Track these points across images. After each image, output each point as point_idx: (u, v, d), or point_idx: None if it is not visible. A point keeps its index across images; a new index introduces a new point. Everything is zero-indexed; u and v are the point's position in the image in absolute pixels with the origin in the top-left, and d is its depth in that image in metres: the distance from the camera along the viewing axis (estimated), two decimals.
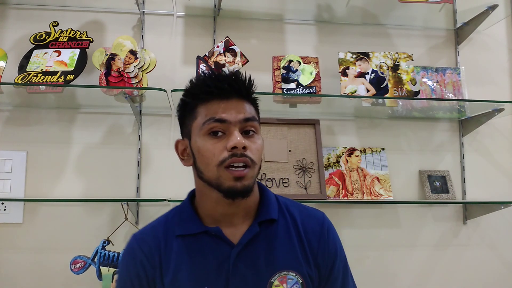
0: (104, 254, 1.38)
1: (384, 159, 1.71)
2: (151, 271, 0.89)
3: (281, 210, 0.95)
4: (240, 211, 0.90)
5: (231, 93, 0.86)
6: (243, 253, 0.88)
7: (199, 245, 0.89)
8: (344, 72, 1.60)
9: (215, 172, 0.83)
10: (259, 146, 0.87)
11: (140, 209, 1.61)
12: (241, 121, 0.85)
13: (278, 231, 0.92)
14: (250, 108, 0.88)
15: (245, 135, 0.85)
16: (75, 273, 1.38)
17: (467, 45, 1.88)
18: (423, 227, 1.75)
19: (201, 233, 0.90)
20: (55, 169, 1.59)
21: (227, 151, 0.82)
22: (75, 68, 1.48)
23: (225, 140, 0.83)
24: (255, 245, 0.89)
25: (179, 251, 0.89)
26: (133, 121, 1.65)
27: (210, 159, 0.84)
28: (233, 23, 1.75)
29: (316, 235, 0.93)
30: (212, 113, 0.84)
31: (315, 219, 0.96)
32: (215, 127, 0.84)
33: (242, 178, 0.83)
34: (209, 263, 0.87)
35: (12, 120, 1.60)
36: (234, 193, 0.83)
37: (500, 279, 1.77)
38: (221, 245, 0.88)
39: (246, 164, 0.83)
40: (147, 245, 0.91)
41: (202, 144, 0.85)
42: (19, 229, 1.56)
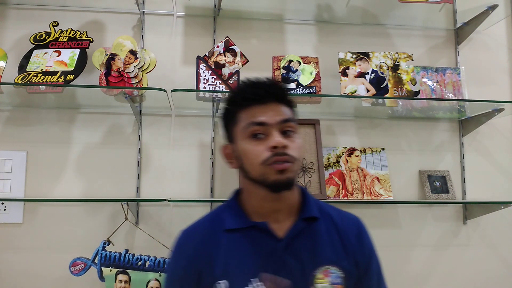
0: (105, 255, 1.38)
1: (384, 159, 1.71)
2: (199, 266, 0.95)
3: (320, 211, 1.02)
4: (284, 207, 0.97)
5: (268, 98, 0.94)
6: (289, 246, 0.94)
7: (247, 239, 0.96)
8: (344, 72, 1.60)
9: (259, 170, 0.91)
10: (298, 144, 0.94)
11: (140, 209, 1.61)
12: (279, 122, 0.92)
13: (320, 229, 0.98)
14: (286, 110, 0.95)
15: (284, 135, 0.92)
16: (75, 275, 1.38)
17: (467, 45, 1.88)
18: (423, 227, 1.75)
19: (249, 227, 0.96)
20: (55, 169, 1.59)
21: (269, 151, 0.90)
22: (75, 68, 1.48)
23: (266, 141, 0.91)
24: (300, 240, 0.96)
25: (228, 245, 0.95)
26: (133, 121, 1.65)
27: (254, 160, 0.91)
28: (233, 23, 1.75)
29: (354, 234, 1.00)
30: (252, 117, 0.92)
31: (352, 220, 1.04)
32: (256, 130, 0.92)
33: (285, 170, 0.90)
34: (258, 256, 0.94)
35: (12, 120, 1.60)
36: (279, 185, 0.91)
37: (500, 279, 1.77)
38: (268, 239, 0.95)
39: (287, 161, 0.90)
40: (196, 240, 0.97)
41: (246, 147, 0.93)
42: (19, 229, 1.56)
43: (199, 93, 1.52)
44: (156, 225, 1.60)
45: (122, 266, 1.38)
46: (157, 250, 1.45)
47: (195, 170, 1.65)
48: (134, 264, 1.38)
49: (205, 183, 1.65)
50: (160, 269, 1.37)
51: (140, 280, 1.37)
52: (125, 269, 1.38)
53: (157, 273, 1.37)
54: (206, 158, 1.66)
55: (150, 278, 1.37)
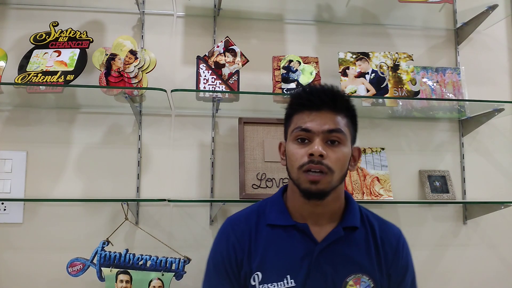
0: (105, 255, 1.38)
1: (384, 159, 1.71)
2: (240, 254, 1.00)
3: (362, 220, 1.04)
4: (326, 213, 1.00)
5: (320, 105, 0.96)
6: (325, 250, 0.98)
7: (287, 237, 0.99)
8: (344, 72, 1.60)
9: (296, 174, 0.95)
10: (340, 156, 0.94)
11: (140, 209, 1.61)
12: (324, 131, 0.94)
13: (358, 238, 1.01)
14: (340, 121, 0.96)
15: (330, 144, 0.95)
16: (73, 275, 1.37)
17: (467, 45, 1.88)
18: (423, 227, 1.75)
19: (290, 226, 1.00)
20: (55, 169, 1.59)
21: (307, 157, 0.93)
22: (75, 68, 1.48)
23: (308, 148, 0.94)
24: (337, 246, 0.99)
25: (268, 239, 1.00)
26: (133, 121, 1.65)
27: (294, 162, 0.96)
28: (233, 23, 1.75)
29: (392, 248, 1.03)
30: (301, 122, 0.96)
31: (393, 233, 1.06)
32: (300, 135, 0.96)
33: (316, 182, 0.92)
34: (294, 254, 0.97)
35: (12, 120, 1.60)
36: (309, 194, 0.94)
37: (500, 279, 1.77)
38: (306, 240, 0.98)
39: (322, 170, 0.92)
40: (240, 229, 1.02)
41: (290, 149, 0.98)
42: (19, 229, 1.56)
43: (199, 93, 1.52)
44: (156, 225, 1.60)
45: (123, 266, 1.38)
46: (157, 250, 1.45)
47: (195, 170, 1.65)
48: (135, 264, 1.37)
49: (205, 183, 1.65)
50: (162, 268, 1.37)
51: (142, 279, 1.37)
52: (126, 269, 1.38)
53: (159, 272, 1.37)
54: (206, 158, 1.66)
55: (152, 277, 1.37)
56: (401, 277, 1.02)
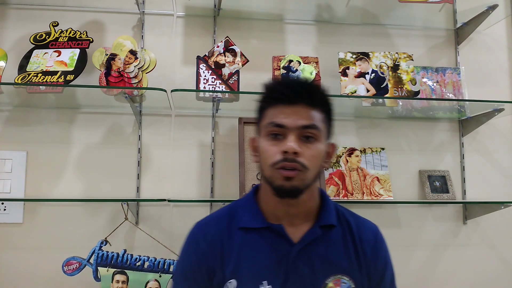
0: (102, 255, 1.38)
1: (384, 159, 1.71)
2: (212, 261, 0.93)
3: (339, 218, 1.00)
4: (301, 212, 0.95)
5: (296, 99, 0.90)
6: (303, 252, 0.93)
7: (261, 240, 0.94)
8: (344, 72, 1.60)
9: (269, 172, 0.90)
10: (315, 153, 0.89)
11: (140, 209, 1.61)
12: (299, 127, 0.88)
13: (336, 237, 0.97)
14: (314, 116, 0.90)
15: (305, 140, 0.89)
16: (69, 274, 1.37)
17: (467, 45, 1.88)
18: (423, 227, 1.75)
19: (264, 228, 0.94)
20: (55, 169, 1.59)
21: (281, 154, 0.88)
22: (75, 68, 1.48)
23: (281, 144, 0.88)
24: (314, 247, 0.94)
25: (241, 243, 0.94)
26: (133, 121, 1.65)
27: (266, 159, 0.90)
28: (233, 23, 1.75)
29: (370, 244, 0.98)
30: (274, 117, 0.90)
31: (370, 229, 1.01)
32: (273, 131, 0.90)
33: (290, 178, 0.87)
34: (270, 258, 0.92)
35: (12, 120, 1.60)
36: (283, 192, 0.89)
37: (500, 279, 1.77)
38: (282, 242, 0.93)
39: (296, 168, 0.87)
40: (210, 234, 0.95)
41: (263, 145, 0.91)
42: (19, 229, 1.56)
43: (199, 93, 1.52)
44: (156, 225, 1.60)
45: (120, 266, 1.37)
46: (157, 251, 1.45)
47: (195, 170, 1.65)
48: (133, 265, 1.37)
49: (205, 183, 1.65)
50: (160, 269, 1.37)
51: (138, 280, 1.36)
52: (123, 269, 1.37)
53: (157, 273, 1.37)
54: (206, 158, 1.66)
55: (149, 278, 1.37)
56: (381, 275, 0.98)
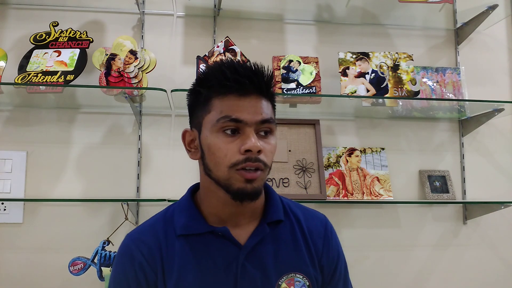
0: (105, 255, 1.38)
1: (384, 159, 1.71)
2: (152, 275, 0.83)
3: (285, 211, 0.92)
4: (247, 211, 0.87)
5: (250, 89, 0.80)
6: (251, 254, 0.85)
7: (205, 246, 0.85)
8: (344, 72, 1.60)
9: (225, 173, 0.79)
10: (272, 148, 0.83)
11: (140, 209, 1.61)
12: (258, 122, 0.80)
13: (284, 232, 0.89)
14: (268, 107, 0.83)
15: (260, 135, 0.81)
16: (74, 274, 1.38)
17: (467, 45, 1.88)
18: (423, 227, 1.75)
19: (206, 233, 0.85)
20: (55, 169, 1.59)
21: (241, 154, 0.78)
22: (75, 68, 1.48)
23: (239, 141, 0.79)
24: (263, 246, 0.86)
25: (183, 252, 0.84)
26: (133, 121, 1.65)
27: (221, 159, 0.79)
28: (233, 23, 1.75)
29: (320, 236, 0.92)
30: (228, 110, 0.79)
31: (319, 220, 0.95)
32: (229, 126, 0.79)
33: (253, 180, 0.79)
34: (216, 265, 0.83)
35: (12, 120, 1.60)
36: (244, 195, 0.80)
37: (500, 279, 1.77)
38: (228, 246, 0.85)
39: (258, 168, 0.79)
40: (147, 246, 0.85)
41: (214, 142, 0.80)
42: (19, 229, 1.56)
43: None
44: None
45: None
46: None
47: (195, 170, 1.63)
48: None
49: None
50: None
51: None
52: None
53: None
54: None
55: None
56: (334, 266, 0.92)
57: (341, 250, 0.95)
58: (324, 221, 0.95)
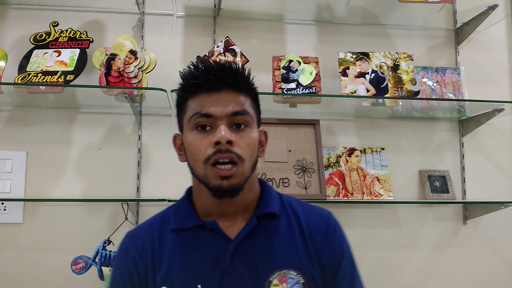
0: (105, 254, 1.38)
1: (384, 159, 1.71)
2: (143, 269, 0.85)
3: (283, 207, 0.90)
4: (238, 208, 0.86)
5: (220, 85, 0.81)
6: (240, 248, 0.83)
7: (194, 240, 0.85)
8: (344, 72, 1.60)
9: (202, 170, 0.80)
10: (250, 141, 0.81)
11: (140, 209, 1.61)
12: (229, 114, 0.80)
13: (279, 227, 0.87)
14: (242, 101, 0.83)
15: (236, 128, 0.81)
16: (77, 273, 1.38)
17: (467, 45, 1.88)
18: (423, 227, 1.75)
19: (196, 227, 0.86)
20: (55, 169, 1.59)
21: (212, 147, 0.78)
22: (75, 68, 1.48)
23: (212, 135, 0.79)
24: (254, 241, 0.84)
25: (172, 246, 0.85)
26: (133, 121, 1.65)
27: (197, 156, 0.81)
28: (233, 23, 1.75)
29: (321, 233, 0.88)
30: (199, 107, 0.81)
31: (321, 217, 0.91)
32: (201, 122, 0.81)
33: (229, 177, 0.78)
34: (204, 259, 0.83)
35: (12, 120, 1.60)
36: (221, 192, 0.80)
37: (500, 279, 1.77)
38: (217, 240, 0.84)
39: (232, 160, 0.78)
40: (141, 241, 0.88)
41: (190, 140, 0.82)
42: (19, 229, 1.56)
43: None
44: None
45: None
46: None
47: None
48: None
49: None
50: None
51: None
52: None
53: None
54: None
55: None
56: (337, 265, 0.87)
57: (346, 248, 0.91)
58: (327, 217, 0.91)
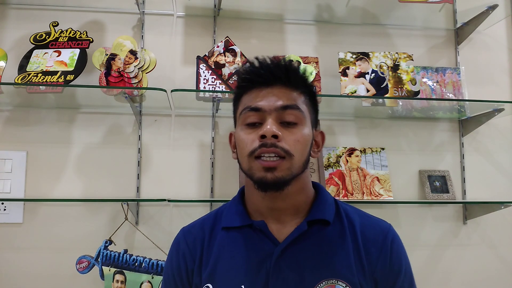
0: (106, 254, 1.38)
1: (384, 159, 1.71)
2: (191, 264, 0.87)
3: (338, 214, 0.87)
4: (288, 207, 0.84)
5: (272, 80, 0.81)
6: (287, 252, 0.81)
7: (242, 240, 0.84)
8: (344, 72, 1.60)
9: (247, 163, 0.80)
10: (299, 137, 0.79)
11: (140, 209, 1.61)
12: (277, 108, 0.79)
13: (331, 235, 0.83)
14: (295, 96, 0.81)
15: (286, 125, 0.80)
16: (81, 272, 1.39)
17: (467, 45, 1.88)
18: (423, 227, 1.75)
19: (246, 226, 0.85)
20: (55, 169, 1.59)
21: (258, 141, 0.78)
22: (75, 68, 1.48)
23: (259, 130, 0.79)
24: (303, 246, 0.81)
25: (221, 244, 0.85)
26: (133, 121, 1.65)
27: (243, 150, 0.80)
28: (233, 23, 1.75)
29: (377, 245, 0.84)
30: (250, 102, 0.81)
31: (379, 228, 0.87)
32: (250, 116, 0.81)
33: (273, 168, 0.77)
34: (250, 260, 0.81)
35: (12, 120, 1.60)
36: (265, 184, 0.78)
37: (500, 279, 1.77)
38: (265, 241, 0.82)
39: (278, 154, 0.77)
40: (192, 237, 0.90)
41: (239, 135, 0.82)
42: (19, 229, 1.56)
43: (199, 93, 1.52)
44: (156, 225, 1.60)
45: (120, 266, 1.38)
46: (157, 251, 1.45)
47: (195, 170, 1.65)
48: (131, 265, 1.37)
49: (205, 183, 1.65)
50: (153, 271, 1.36)
51: (134, 281, 1.36)
52: (122, 269, 1.37)
53: (150, 275, 1.36)
54: (206, 158, 1.66)
55: (143, 280, 1.36)
56: (392, 281, 0.83)
57: (405, 264, 0.86)
58: (386, 229, 0.87)
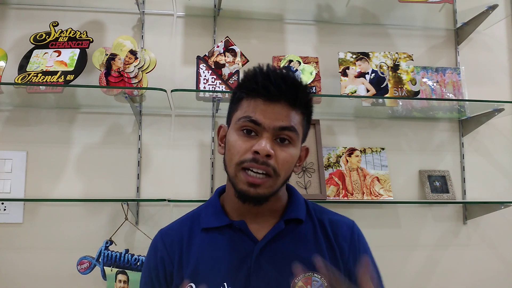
0: (107, 255, 1.38)
1: (384, 159, 1.71)
2: (169, 266, 0.89)
3: (309, 214, 0.93)
4: (265, 210, 0.89)
5: (278, 97, 0.82)
6: (266, 249, 0.86)
7: (222, 239, 0.88)
8: (344, 72, 1.60)
9: (233, 170, 0.83)
10: (288, 157, 0.83)
11: (140, 209, 1.61)
12: (276, 128, 0.82)
13: (305, 232, 0.90)
14: (294, 117, 0.84)
15: (279, 142, 0.83)
16: (82, 273, 1.39)
17: (467, 45, 1.88)
18: (423, 227, 1.75)
19: (225, 226, 0.89)
20: (55, 169, 1.59)
21: (251, 154, 0.81)
22: (75, 68, 1.48)
23: (254, 142, 0.82)
24: (280, 243, 0.87)
25: (201, 245, 0.88)
26: (133, 121, 1.65)
27: (233, 156, 0.83)
28: (233, 23, 1.75)
29: (346, 240, 0.92)
30: (251, 112, 0.83)
31: (345, 225, 0.95)
32: (248, 125, 0.83)
33: (257, 185, 0.81)
34: (231, 258, 0.86)
35: (12, 120, 1.60)
36: (246, 197, 0.83)
37: (500, 279, 1.77)
38: (244, 240, 0.87)
39: (266, 172, 0.81)
40: (170, 239, 0.92)
41: (232, 138, 0.84)
42: (19, 229, 1.56)
43: (199, 93, 1.52)
44: (156, 225, 1.60)
45: (122, 266, 1.38)
46: None
47: (195, 170, 1.65)
48: (133, 265, 1.38)
49: (205, 183, 1.65)
50: None
51: (136, 280, 1.36)
52: (124, 269, 1.38)
53: None
54: (206, 158, 1.66)
55: None
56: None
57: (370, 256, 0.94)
58: (351, 225, 0.95)
